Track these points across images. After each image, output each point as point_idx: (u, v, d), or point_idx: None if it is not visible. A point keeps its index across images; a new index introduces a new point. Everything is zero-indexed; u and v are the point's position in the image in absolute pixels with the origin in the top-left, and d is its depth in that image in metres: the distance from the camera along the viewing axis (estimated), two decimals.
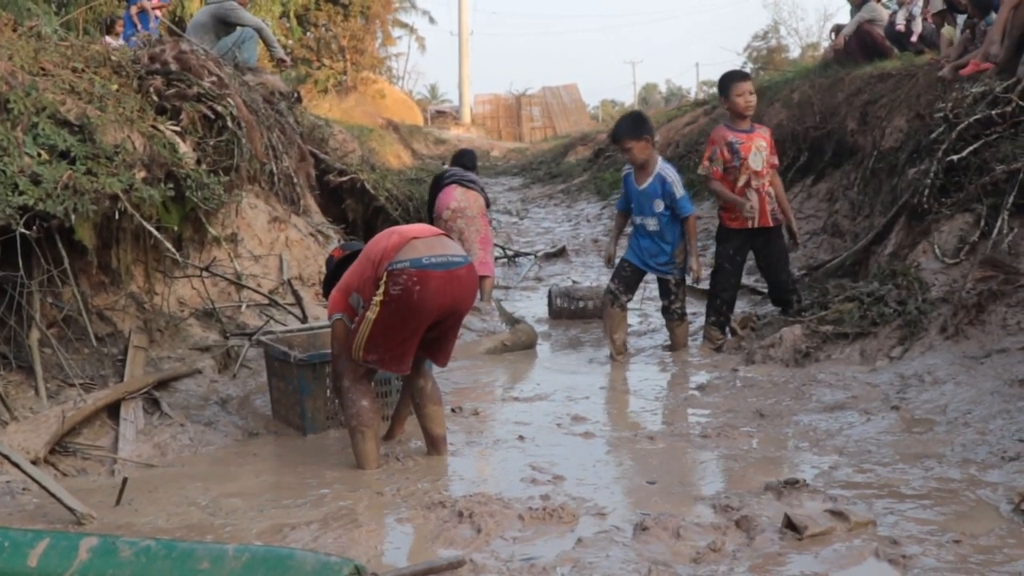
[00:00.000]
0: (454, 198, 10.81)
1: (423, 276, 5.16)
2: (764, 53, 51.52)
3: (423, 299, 5.19)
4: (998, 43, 9.68)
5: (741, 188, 8.61)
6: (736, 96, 8.69)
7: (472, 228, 10.72)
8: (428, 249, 5.27)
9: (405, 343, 5.37)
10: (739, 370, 7.70)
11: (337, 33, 36.40)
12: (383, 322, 5.26)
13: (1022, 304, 7.02)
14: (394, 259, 5.21)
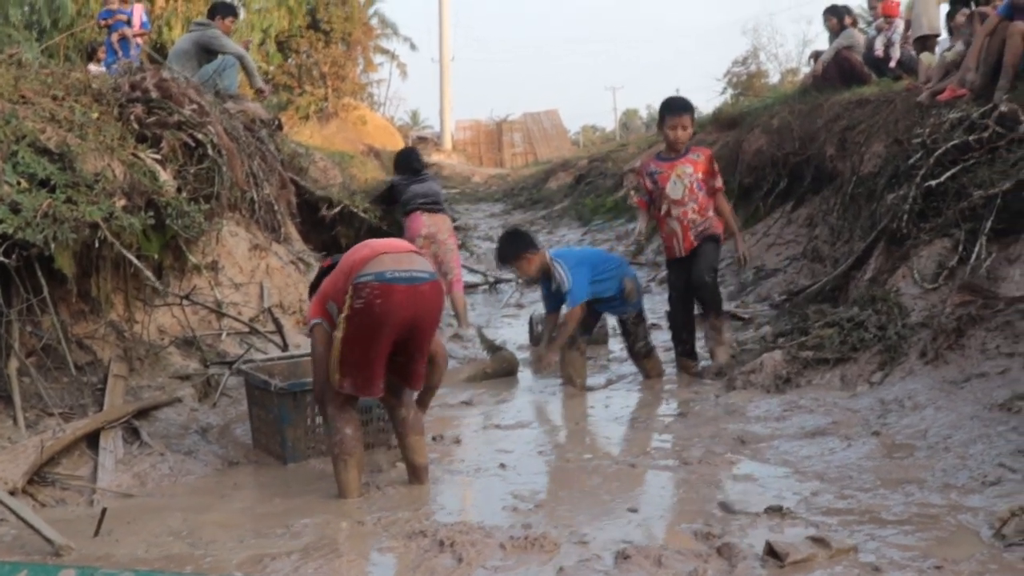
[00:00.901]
0: (423, 224, 10.97)
1: (386, 289, 5.23)
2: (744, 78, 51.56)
3: (385, 312, 5.24)
4: (974, 69, 9.77)
5: (663, 216, 8.68)
6: (668, 128, 8.71)
7: (445, 249, 10.91)
8: (395, 263, 5.33)
9: (373, 363, 5.40)
10: (720, 396, 7.71)
11: (318, 59, 36.41)
12: (350, 339, 5.30)
13: (1001, 328, 7.04)
14: (361, 272, 5.28)
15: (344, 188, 14.79)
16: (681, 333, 8.80)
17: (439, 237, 10.97)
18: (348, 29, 37.19)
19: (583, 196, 22.62)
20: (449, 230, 11.20)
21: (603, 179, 23.19)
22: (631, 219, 17.89)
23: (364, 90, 44.43)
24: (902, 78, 13.34)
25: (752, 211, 13.79)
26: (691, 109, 8.92)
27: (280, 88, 34.77)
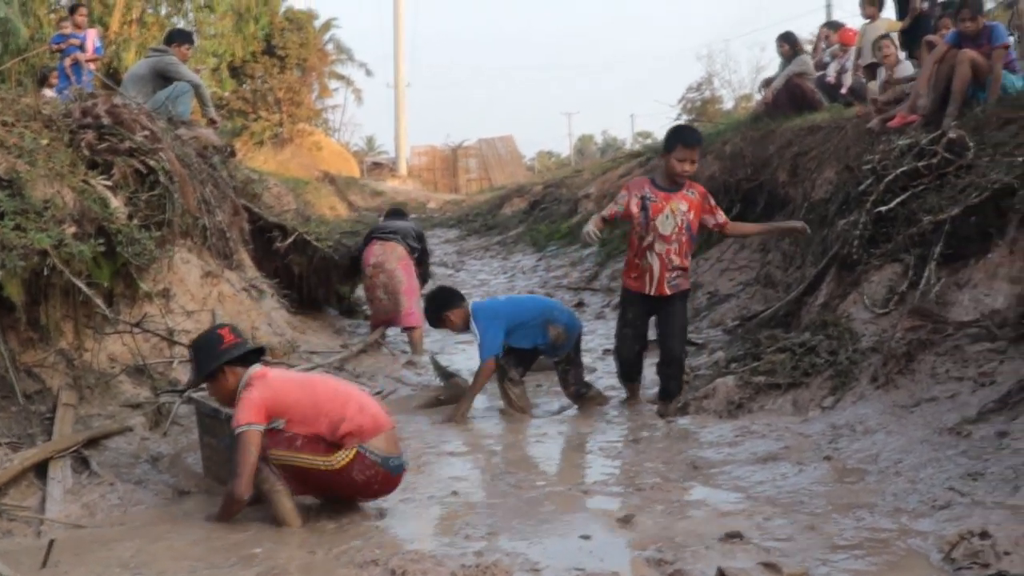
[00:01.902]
0: (373, 254, 11.33)
1: (387, 479, 5.64)
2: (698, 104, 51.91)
3: (371, 492, 5.66)
4: (923, 96, 9.87)
5: (642, 247, 8.30)
6: (675, 159, 8.21)
7: (395, 280, 11.06)
8: (394, 447, 5.69)
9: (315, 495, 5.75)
10: (672, 422, 7.73)
11: (273, 85, 36.36)
12: (324, 478, 5.52)
13: (950, 353, 7.11)
14: (368, 445, 5.53)
15: (298, 214, 14.74)
16: (631, 372, 8.69)
17: (387, 267, 11.23)
18: (303, 55, 37.18)
19: (538, 222, 22.70)
20: (400, 258, 11.31)
21: (558, 205, 23.26)
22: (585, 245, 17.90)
23: (319, 116, 44.40)
24: (853, 105, 13.47)
25: (705, 237, 13.84)
26: (702, 143, 8.92)
27: (235, 114, 34.69)
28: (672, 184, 8.30)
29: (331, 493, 5.69)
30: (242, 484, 5.34)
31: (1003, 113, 8.87)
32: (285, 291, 10.94)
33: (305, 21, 37.91)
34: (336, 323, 12.13)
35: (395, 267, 11.19)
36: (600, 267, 15.87)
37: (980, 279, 7.63)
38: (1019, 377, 6.32)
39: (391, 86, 54.15)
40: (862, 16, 14.93)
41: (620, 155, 31.93)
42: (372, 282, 11.22)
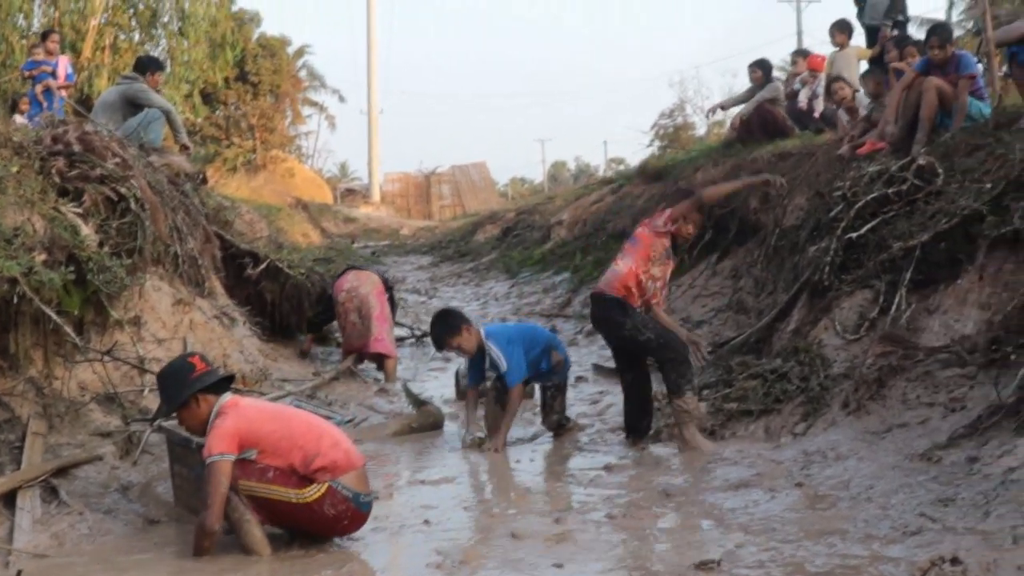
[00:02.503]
0: (347, 281, 11.46)
1: (356, 516, 5.65)
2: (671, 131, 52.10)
3: (340, 528, 5.65)
4: (892, 123, 9.94)
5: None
6: (694, 220, 8.27)
7: (367, 305, 11.15)
8: (364, 485, 5.69)
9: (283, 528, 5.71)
10: (646, 449, 7.73)
11: (246, 111, 36.36)
12: (293, 511, 5.51)
13: (921, 379, 7.15)
14: (341, 480, 5.53)
15: (271, 241, 14.71)
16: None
17: (360, 291, 11.30)
18: (276, 81, 37.19)
19: (511, 248, 22.69)
20: (374, 285, 11.39)
21: (530, 231, 23.28)
22: (557, 272, 17.95)
23: (292, 142, 44.40)
24: (824, 131, 13.55)
25: (677, 263, 13.82)
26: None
27: (208, 140, 34.62)
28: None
29: (300, 527, 5.65)
30: (213, 515, 5.31)
31: (971, 140, 8.94)
32: (257, 318, 10.90)
33: (278, 48, 37.96)
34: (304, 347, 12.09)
35: (369, 292, 11.24)
36: (573, 294, 15.87)
37: (950, 305, 7.67)
38: (989, 402, 6.35)
39: (364, 112, 54.18)
40: (832, 44, 15.03)
41: (593, 182, 32.01)
42: (344, 307, 11.22)
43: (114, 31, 24.23)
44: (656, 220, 8.22)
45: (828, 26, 14.99)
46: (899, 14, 13.93)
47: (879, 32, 13.80)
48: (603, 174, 52.40)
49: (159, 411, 5.99)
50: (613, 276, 8.11)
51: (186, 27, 25.40)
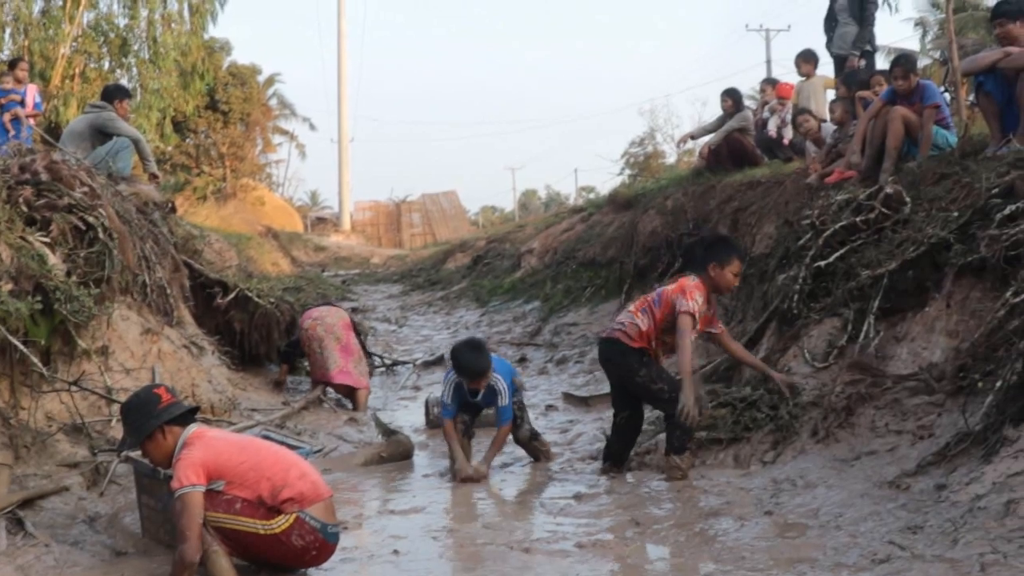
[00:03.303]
0: (317, 310, 11.66)
1: (324, 547, 5.62)
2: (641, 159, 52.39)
3: (307, 559, 5.60)
4: (860, 152, 10.02)
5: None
6: (732, 273, 7.98)
7: (331, 336, 11.21)
8: (332, 516, 5.67)
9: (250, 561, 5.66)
10: (616, 478, 7.73)
11: (217, 140, 36.35)
12: (261, 542, 5.47)
13: (889, 406, 7.18)
14: (308, 511, 5.51)
15: (240, 270, 14.69)
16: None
17: (327, 320, 11.38)
18: (247, 109, 37.20)
19: (481, 277, 22.72)
20: (341, 319, 11.59)
21: (501, 260, 23.31)
22: (527, 300, 17.96)
23: (263, 170, 44.42)
24: (793, 160, 13.64)
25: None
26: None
27: (178, 168, 34.60)
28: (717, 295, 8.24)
29: (267, 558, 5.61)
30: (191, 548, 5.24)
31: (938, 168, 9.00)
32: (226, 348, 10.88)
33: (249, 76, 37.97)
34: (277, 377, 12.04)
35: (335, 323, 11.28)
36: (543, 323, 15.88)
37: (918, 332, 7.71)
38: (957, 430, 6.38)
39: (335, 141, 54.36)
40: (798, 73, 15.16)
41: (563, 210, 32.10)
42: (308, 335, 11.23)
43: (84, 59, 24.20)
44: (684, 298, 7.76)
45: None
46: (867, 44, 14.05)
47: (847, 62, 13.91)
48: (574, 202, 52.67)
49: (123, 443, 5.91)
50: (632, 328, 7.95)
51: (157, 55, 25.39)
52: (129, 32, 25.37)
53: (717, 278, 7.91)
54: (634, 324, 7.93)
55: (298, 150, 53.73)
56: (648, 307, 7.99)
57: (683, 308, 7.71)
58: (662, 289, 8.09)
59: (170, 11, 26.05)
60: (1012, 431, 5.85)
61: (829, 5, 14.52)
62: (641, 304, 8.07)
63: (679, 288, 7.87)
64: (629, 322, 7.98)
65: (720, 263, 7.89)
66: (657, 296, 8.01)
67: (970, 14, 33.77)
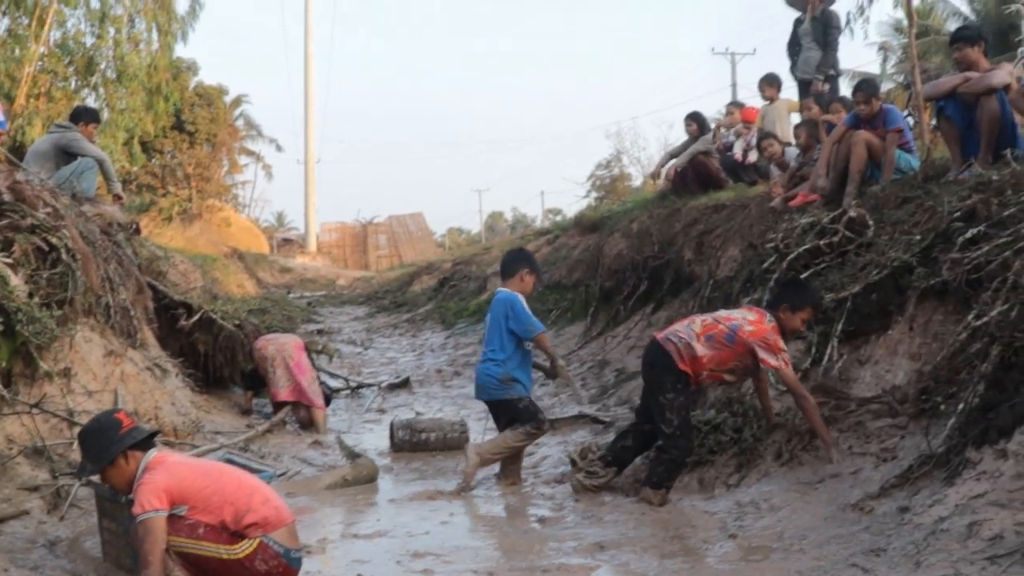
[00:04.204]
0: (270, 334, 11.87)
1: (288, 572, 5.56)
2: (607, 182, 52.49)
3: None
4: (823, 176, 10.09)
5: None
6: (802, 319, 7.76)
7: (282, 355, 11.26)
8: (295, 540, 5.61)
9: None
10: (579, 501, 7.72)
11: (183, 160, 36.17)
12: (224, 567, 5.40)
13: (853, 429, 7.22)
14: (272, 536, 5.46)
15: (205, 292, 14.63)
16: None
17: (279, 340, 11.54)
18: (213, 130, 37.02)
19: (447, 299, 22.71)
20: (294, 340, 11.77)
21: (467, 282, 23.31)
22: None
23: (229, 191, 44.20)
24: (757, 183, 13.70)
25: (613, 314, 13.95)
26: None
27: (143, 189, 34.44)
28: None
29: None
30: (154, 573, 5.20)
31: (901, 192, 9.08)
32: (190, 370, 10.84)
33: (215, 97, 37.81)
34: (242, 402, 11.98)
35: (287, 343, 11.34)
36: None
37: (881, 355, 7.76)
38: (919, 452, 6.41)
39: (301, 162, 54.11)
40: (762, 97, 15.25)
41: (529, 232, 32.15)
42: (261, 355, 11.24)
43: (49, 79, 24.06)
44: (770, 351, 7.48)
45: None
46: (830, 68, 14.17)
47: (811, 86, 14.00)
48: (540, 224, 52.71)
49: (83, 469, 5.84)
50: (687, 350, 7.68)
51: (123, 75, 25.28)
52: (96, 51, 25.25)
53: (786, 320, 7.66)
54: (690, 347, 7.65)
55: (264, 171, 53.50)
56: (717, 338, 7.65)
57: (775, 364, 7.45)
58: (737, 325, 7.66)
59: (138, 31, 25.97)
60: (974, 453, 5.88)
61: (793, 30, 14.63)
62: (709, 329, 7.72)
63: (759, 335, 7.55)
64: (686, 343, 7.68)
65: (792, 307, 7.69)
66: (731, 332, 7.62)
67: (933, 39, 34.06)
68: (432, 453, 9.99)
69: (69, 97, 23.75)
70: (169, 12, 26.63)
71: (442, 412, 11.79)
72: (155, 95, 26.78)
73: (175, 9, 26.96)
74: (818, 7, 14.23)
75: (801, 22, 14.45)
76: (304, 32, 53.50)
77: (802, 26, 14.38)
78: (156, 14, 26.26)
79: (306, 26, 53.43)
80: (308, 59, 53.39)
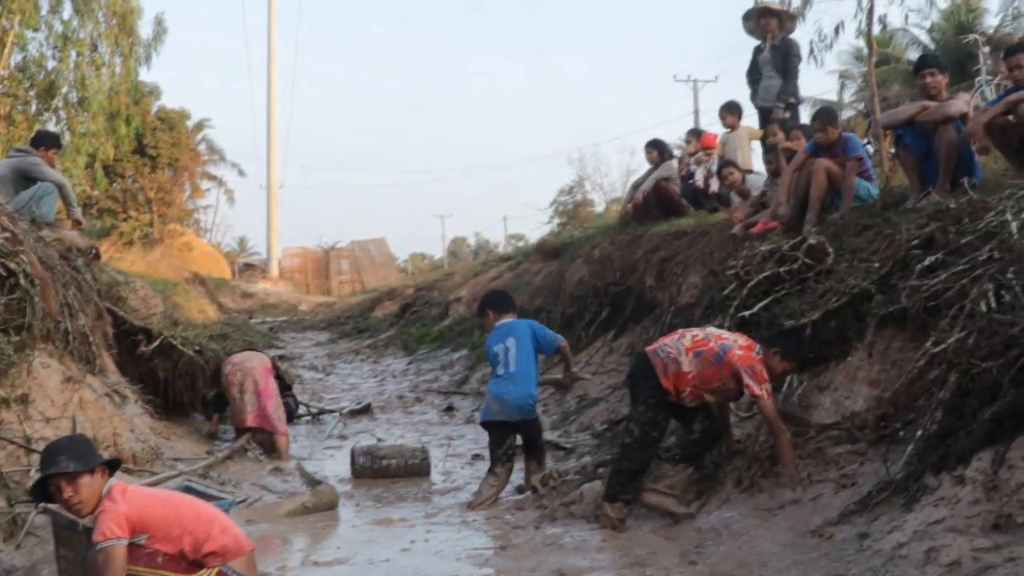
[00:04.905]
0: (238, 356, 11.66)
1: None
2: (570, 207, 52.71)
3: None
4: (784, 203, 10.14)
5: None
6: (784, 369, 7.61)
7: (250, 379, 11.22)
8: (253, 569, 5.65)
9: None
10: (540, 528, 7.70)
11: (144, 185, 36.07)
12: None
13: (813, 456, 7.23)
14: (231, 564, 5.46)
15: (166, 317, 14.56)
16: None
17: (246, 365, 11.38)
18: (175, 154, 36.95)
19: (409, 325, 22.67)
20: (262, 363, 11.51)
21: (429, 308, 23.29)
22: (455, 348, 17.95)
23: (190, 216, 44.10)
24: (719, 210, 13.77)
25: (575, 340, 13.93)
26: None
27: (104, 213, 34.30)
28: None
29: None
30: None
31: (860, 220, 9.14)
32: (150, 396, 10.76)
33: (177, 121, 37.74)
34: (202, 428, 11.91)
35: (254, 367, 11.24)
36: (470, 371, 15.86)
37: (840, 382, 7.79)
38: (878, 478, 6.43)
39: (264, 187, 54.02)
40: (723, 125, 15.33)
41: (492, 258, 32.17)
42: (229, 380, 11.20)
43: (10, 102, 23.96)
44: (755, 379, 7.28)
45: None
46: (791, 96, 14.25)
47: (771, 113, 14.09)
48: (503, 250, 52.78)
49: (61, 465, 5.62)
50: (672, 365, 7.56)
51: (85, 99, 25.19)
52: (58, 75, 25.17)
53: (771, 363, 7.45)
54: (676, 362, 7.52)
55: (227, 196, 53.40)
56: (705, 356, 7.50)
57: (759, 393, 7.27)
58: (727, 346, 7.49)
59: (100, 54, 25.90)
60: (932, 479, 5.91)
61: (752, 58, 14.71)
62: (698, 345, 7.57)
63: (748, 361, 7.37)
64: (673, 357, 7.55)
65: (784, 355, 7.53)
66: (720, 351, 7.46)
67: (892, 67, 34.37)
68: (393, 480, 9.94)
69: (30, 121, 23.68)
70: (132, 36, 26.60)
71: (403, 438, 11.76)
72: (116, 119, 26.69)
73: (139, 33, 26.94)
74: (778, 35, 14.33)
75: (761, 50, 14.54)
76: (267, 57, 53.54)
77: (762, 54, 14.47)
78: (119, 38, 26.25)
79: (269, 52, 53.50)
80: (271, 84, 53.44)
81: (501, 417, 9.08)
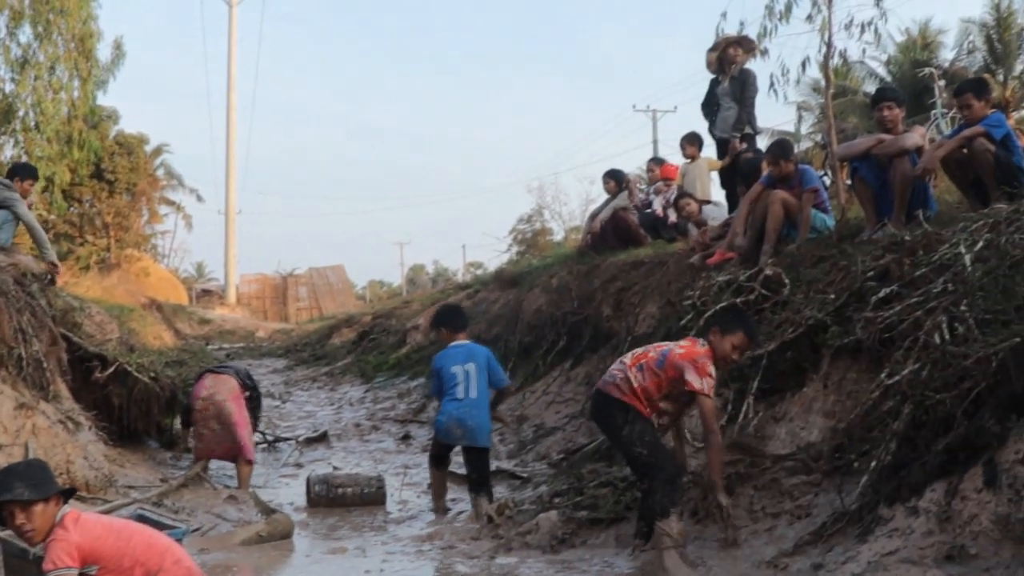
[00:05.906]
0: (204, 387, 11.09)
1: None
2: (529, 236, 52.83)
3: None
4: (741, 234, 10.20)
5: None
6: (732, 344, 7.30)
7: (226, 412, 10.84)
8: None
9: None
10: (496, 558, 7.68)
11: (102, 209, 35.91)
12: None
13: (768, 487, 7.26)
14: None
15: (122, 343, 14.44)
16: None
17: (216, 399, 10.99)
18: (133, 179, 36.83)
19: (366, 352, 22.60)
20: (231, 391, 11.12)
21: (386, 336, 23.23)
22: (412, 377, 17.90)
23: (148, 241, 43.94)
24: (677, 239, 13.83)
25: (532, 369, 13.96)
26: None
27: (61, 237, 34.07)
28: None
29: None
30: None
31: (816, 251, 9.22)
32: (104, 423, 10.65)
33: (136, 146, 37.61)
34: (157, 455, 11.82)
35: (225, 398, 10.98)
36: (427, 399, 15.80)
37: (796, 413, 7.84)
38: (833, 509, 6.47)
39: (222, 213, 53.86)
40: (683, 155, 15.41)
41: (450, 286, 32.18)
42: (202, 415, 10.96)
43: None
44: (696, 373, 7.10)
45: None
46: (748, 127, 14.33)
47: (729, 144, 14.16)
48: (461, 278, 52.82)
49: (16, 492, 5.52)
50: (624, 383, 7.33)
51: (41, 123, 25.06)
52: (15, 98, 25.04)
53: (716, 344, 7.26)
54: (627, 379, 7.30)
55: (185, 221, 53.16)
56: (647, 366, 7.30)
57: (699, 387, 7.05)
58: (668, 350, 7.36)
59: (58, 78, 25.79)
60: (887, 510, 5.95)
61: (709, 89, 14.77)
62: (639, 359, 7.40)
63: (690, 356, 7.20)
64: (622, 376, 7.34)
65: (723, 330, 7.32)
66: (661, 357, 7.29)
67: (849, 99, 34.72)
68: (349, 508, 9.88)
69: None
70: (91, 60, 26.49)
71: (359, 467, 11.70)
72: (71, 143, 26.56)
73: (97, 57, 26.83)
74: (736, 67, 14.42)
75: (719, 82, 14.60)
76: (227, 84, 53.51)
77: (720, 86, 14.54)
78: (78, 61, 26.13)
79: (229, 78, 53.51)
80: (230, 110, 53.39)
81: (465, 443, 9.17)
